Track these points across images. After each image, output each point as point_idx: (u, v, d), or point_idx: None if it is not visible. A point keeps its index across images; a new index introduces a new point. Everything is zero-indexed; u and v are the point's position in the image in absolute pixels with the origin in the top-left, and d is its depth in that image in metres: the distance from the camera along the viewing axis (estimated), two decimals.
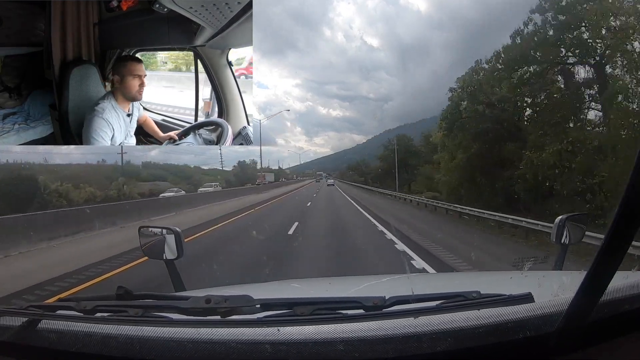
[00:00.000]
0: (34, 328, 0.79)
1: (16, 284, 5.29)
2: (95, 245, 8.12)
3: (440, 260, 6.51)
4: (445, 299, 0.79)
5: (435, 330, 0.69)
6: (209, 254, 7.15)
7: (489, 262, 6.67)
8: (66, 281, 5.62)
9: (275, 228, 10.63)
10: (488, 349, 0.69)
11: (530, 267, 2.05)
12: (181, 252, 1.53)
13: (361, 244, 8.41)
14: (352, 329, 0.70)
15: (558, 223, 1.53)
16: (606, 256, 0.61)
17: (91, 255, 6.99)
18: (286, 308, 0.76)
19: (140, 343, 0.73)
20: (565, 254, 1.53)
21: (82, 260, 6.60)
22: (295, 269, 6.18)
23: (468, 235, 9.59)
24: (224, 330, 0.72)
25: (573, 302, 0.66)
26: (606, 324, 0.69)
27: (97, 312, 0.79)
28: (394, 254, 7.12)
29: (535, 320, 0.70)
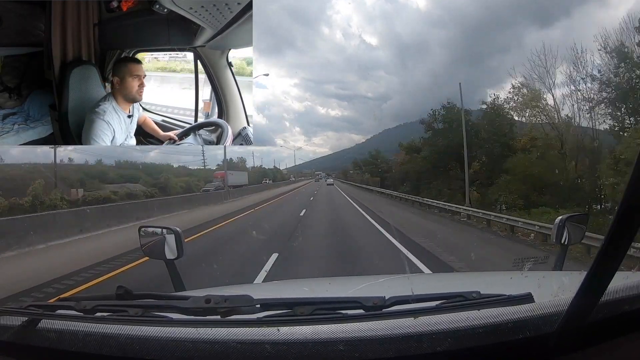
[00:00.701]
0: (34, 328, 0.79)
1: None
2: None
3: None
4: (445, 299, 0.79)
5: (435, 330, 0.69)
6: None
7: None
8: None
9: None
10: (488, 349, 0.69)
11: (530, 267, 2.05)
12: (181, 252, 1.53)
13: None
14: (352, 329, 0.70)
15: (558, 223, 1.53)
16: (606, 257, 0.61)
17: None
18: (286, 308, 0.76)
19: (140, 343, 0.72)
20: (565, 254, 1.53)
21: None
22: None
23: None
24: (224, 330, 0.72)
25: (573, 302, 0.66)
26: (606, 325, 0.69)
27: (97, 312, 0.79)
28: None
29: (535, 320, 0.70)
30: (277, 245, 7.76)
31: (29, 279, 5.79)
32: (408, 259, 6.50)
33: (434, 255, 6.94)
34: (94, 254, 7.29)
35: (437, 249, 7.42)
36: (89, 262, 6.96)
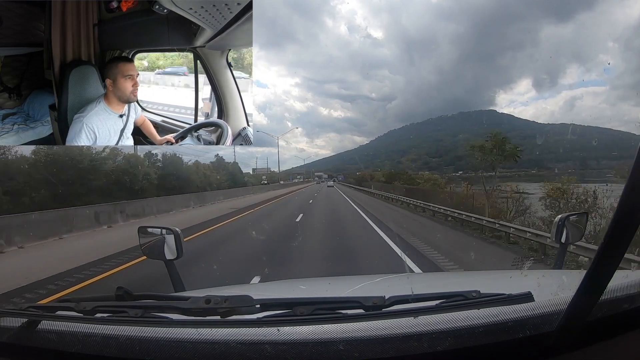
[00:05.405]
0: (33, 329, 0.79)
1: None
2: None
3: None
4: (444, 298, 0.79)
5: (435, 329, 0.69)
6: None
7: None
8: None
9: None
10: (488, 348, 0.69)
11: (530, 266, 2.05)
12: (181, 252, 1.53)
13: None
14: (352, 329, 0.70)
15: (558, 222, 1.53)
16: (605, 255, 0.61)
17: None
18: (286, 308, 0.76)
19: (140, 343, 0.72)
20: (564, 253, 1.53)
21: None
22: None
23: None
24: (223, 331, 0.72)
25: (573, 301, 0.66)
26: (606, 323, 0.69)
27: (96, 313, 0.79)
28: None
29: (535, 319, 0.70)
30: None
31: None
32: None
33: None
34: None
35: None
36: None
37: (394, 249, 7.56)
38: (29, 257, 8.17)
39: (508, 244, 8.53)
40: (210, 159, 31.14)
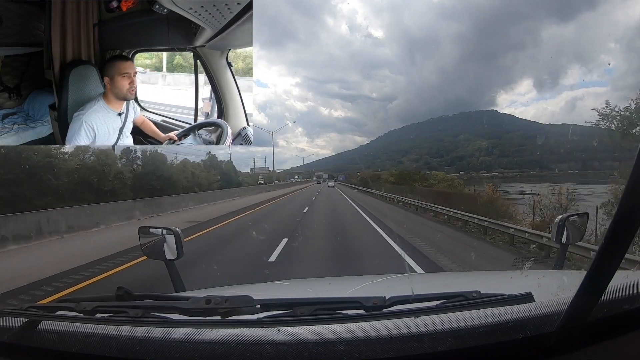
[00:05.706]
0: (34, 329, 0.79)
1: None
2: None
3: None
4: (445, 298, 0.79)
5: (435, 330, 0.69)
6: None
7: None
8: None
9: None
10: (488, 348, 0.69)
11: (530, 266, 2.05)
12: (181, 252, 1.53)
13: None
14: (353, 329, 0.70)
15: (558, 223, 1.53)
16: (606, 256, 0.61)
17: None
18: (286, 308, 0.76)
19: (141, 344, 0.72)
20: (565, 253, 1.53)
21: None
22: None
23: None
24: (224, 331, 0.72)
25: (573, 301, 0.66)
26: (606, 324, 0.69)
27: (97, 313, 0.79)
28: None
29: (536, 320, 0.70)
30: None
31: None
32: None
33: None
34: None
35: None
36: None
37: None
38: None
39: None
40: (202, 157, 28.23)
